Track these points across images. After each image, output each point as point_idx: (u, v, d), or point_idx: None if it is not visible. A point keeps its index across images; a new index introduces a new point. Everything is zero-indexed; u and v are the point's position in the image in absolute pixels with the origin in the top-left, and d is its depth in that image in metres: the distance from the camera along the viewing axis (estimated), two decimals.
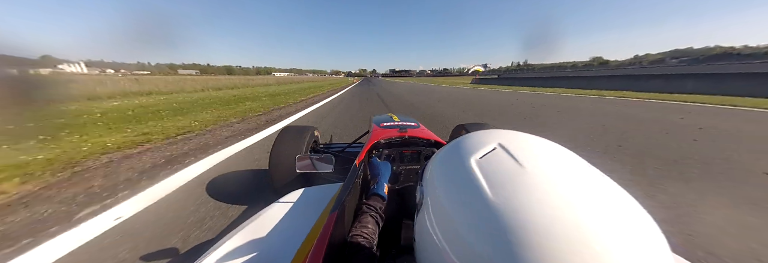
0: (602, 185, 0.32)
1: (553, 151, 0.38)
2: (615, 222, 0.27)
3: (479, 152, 0.38)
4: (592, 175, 0.34)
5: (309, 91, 13.45)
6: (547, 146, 0.40)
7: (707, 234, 1.39)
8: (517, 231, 0.27)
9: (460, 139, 0.45)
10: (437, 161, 0.45)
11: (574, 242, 0.25)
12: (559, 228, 0.26)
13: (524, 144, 0.39)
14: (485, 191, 0.31)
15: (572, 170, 0.34)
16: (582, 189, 0.30)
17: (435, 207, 0.37)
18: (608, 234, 0.25)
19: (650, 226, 0.28)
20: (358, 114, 5.68)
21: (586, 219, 0.27)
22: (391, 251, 0.67)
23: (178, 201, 1.71)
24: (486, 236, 0.28)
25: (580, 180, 0.32)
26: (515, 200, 0.29)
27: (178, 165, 2.34)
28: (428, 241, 0.36)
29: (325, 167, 1.21)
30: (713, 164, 2.46)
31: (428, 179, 0.43)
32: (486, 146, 0.39)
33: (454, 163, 0.39)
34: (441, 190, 0.38)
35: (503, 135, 0.42)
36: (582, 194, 0.29)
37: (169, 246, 1.27)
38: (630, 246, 0.25)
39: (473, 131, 0.47)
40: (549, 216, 0.27)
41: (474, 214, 0.31)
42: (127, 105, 6.43)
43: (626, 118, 5.15)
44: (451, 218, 0.33)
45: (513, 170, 0.33)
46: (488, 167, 0.35)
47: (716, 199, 1.78)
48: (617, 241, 0.25)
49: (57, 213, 1.53)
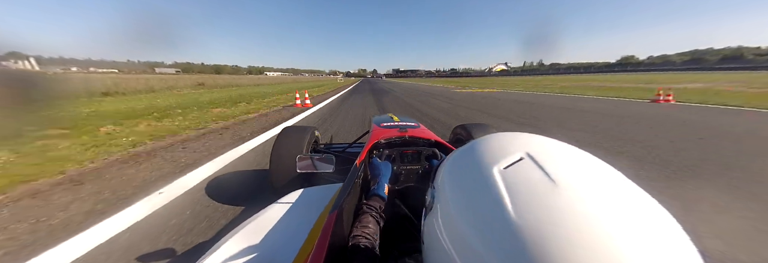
0: (642, 209, 0.28)
1: (587, 164, 0.34)
2: (654, 252, 0.24)
3: (504, 161, 0.34)
4: (630, 194, 0.30)
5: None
6: (583, 158, 0.36)
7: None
8: (539, 258, 0.23)
9: (480, 142, 0.42)
10: (455, 165, 0.41)
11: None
12: (591, 260, 0.23)
13: (555, 154, 0.35)
14: (508, 210, 0.28)
15: (609, 188, 0.30)
16: (620, 214, 0.26)
17: (447, 216, 0.34)
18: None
19: (692, 256, 0.25)
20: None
21: (624, 250, 0.23)
22: (393, 252, 0.66)
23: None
24: (502, 256, 0.26)
25: (619, 203, 0.28)
26: (541, 222, 0.26)
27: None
28: (437, 248, 0.34)
29: (326, 167, 1.21)
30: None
31: (441, 184, 0.40)
32: (512, 154, 0.35)
33: (473, 171, 0.36)
34: (456, 198, 0.35)
35: (531, 142, 0.38)
36: (620, 221, 0.26)
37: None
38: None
39: (495, 134, 0.44)
40: (581, 245, 0.24)
41: (493, 233, 0.28)
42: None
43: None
44: (464, 231, 0.30)
45: (543, 187, 0.29)
46: (514, 180, 0.31)
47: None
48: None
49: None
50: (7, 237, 1.41)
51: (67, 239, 1.36)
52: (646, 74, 46.22)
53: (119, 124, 4.12)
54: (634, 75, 44.85)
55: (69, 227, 1.48)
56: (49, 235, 1.42)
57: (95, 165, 2.47)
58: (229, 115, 5.53)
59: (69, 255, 1.26)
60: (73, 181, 2.11)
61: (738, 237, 1.37)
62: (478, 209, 0.31)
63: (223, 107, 6.57)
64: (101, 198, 1.84)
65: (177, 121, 4.65)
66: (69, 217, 1.59)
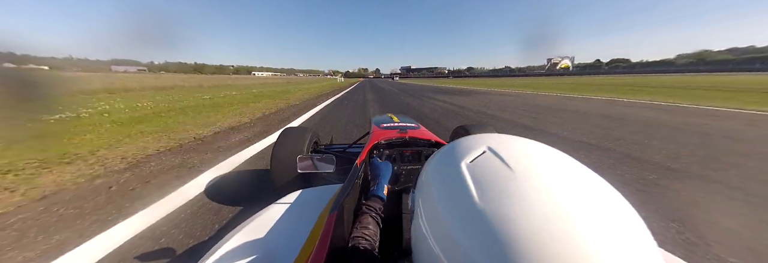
0: (592, 188, 0.31)
1: (544, 153, 0.37)
2: (604, 225, 0.27)
3: (469, 157, 0.37)
4: (582, 177, 0.33)
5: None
6: (539, 148, 0.39)
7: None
8: (505, 237, 0.26)
9: (452, 144, 0.45)
10: (430, 166, 0.44)
11: (561, 246, 0.25)
12: (547, 234, 0.26)
13: (514, 147, 0.38)
14: (473, 196, 0.31)
15: (563, 173, 0.33)
16: (571, 192, 0.30)
17: (427, 212, 0.37)
18: (597, 239, 0.25)
19: (640, 228, 0.28)
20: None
21: (575, 223, 0.26)
22: (392, 253, 0.67)
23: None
24: (475, 242, 0.28)
25: (570, 183, 0.31)
26: (503, 205, 0.29)
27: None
28: (424, 246, 0.36)
29: (327, 167, 1.22)
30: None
31: (421, 184, 0.43)
32: (476, 150, 0.38)
33: (444, 168, 0.39)
34: (433, 195, 0.37)
35: (493, 139, 0.41)
36: (571, 198, 0.29)
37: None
38: (619, 249, 0.25)
39: (465, 136, 0.46)
40: (537, 222, 0.27)
41: (463, 219, 0.30)
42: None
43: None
44: (442, 223, 0.33)
45: (502, 173, 0.33)
46: (478, 171, 0.34)
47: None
48: (606, 244, 0.25)
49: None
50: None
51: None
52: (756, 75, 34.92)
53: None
54: (737, 76, 33.99)
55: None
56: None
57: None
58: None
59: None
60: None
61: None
62: (450, 199, 0.34)
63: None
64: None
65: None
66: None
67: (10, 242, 1.36)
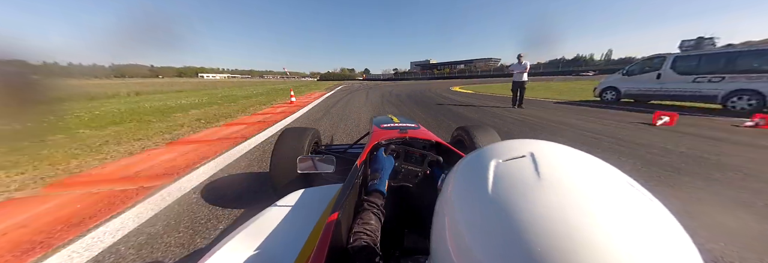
0: (632, 204, 0.28)
1: (587, 166, 0.34)
2: (631, 248, 0.24)
3: (506, 156, 0.37)
4: (623, 193, 0.29)
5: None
6: (584, 160, 0.36)
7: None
8: (505, 237, 0.26)
9: (504, 142, 0.44)
10: (472, 154, 0.45)
11: (570, 258, 0.23)
12: (556, 242, 0.24)
13: (557, 156, 0.36)
14: (488, 193, 0.31)
15: (599, 187, 0.30)
16: (601, 207, 0.27)
17: (445, 195, 0.39)
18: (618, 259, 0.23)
19: (683, 240, 0.26)
20: None
21: (591, 238, 0.24)
22: (394, 253, 0.66)
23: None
24: (477, 235, 0.29)
25: (603, 198, 0.28)
26: (514, 206, 0.29)
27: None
28: (439, 223, 0.37)
29: (327, 167, 1.22)
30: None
31: (455, 168, 0.44)
32: (517, 152, 0.38)
33: (478, 159, 0.40)
34: (456, 181, 0.39)
35: (541, 146, 0.39)
36: (599, 212, 0.26)
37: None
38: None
39: (515, 139, 0.46)
40: (549, 228, 0.25)
41: (473, 211, 0.32)
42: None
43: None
44: (455, 211, 0.34)
45: (526, 178, 0.32)
46: (504, 170, 0.34)
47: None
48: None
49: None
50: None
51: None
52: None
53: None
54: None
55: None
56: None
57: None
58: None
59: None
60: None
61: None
62: (466, 191, 0.35)
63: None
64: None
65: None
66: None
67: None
